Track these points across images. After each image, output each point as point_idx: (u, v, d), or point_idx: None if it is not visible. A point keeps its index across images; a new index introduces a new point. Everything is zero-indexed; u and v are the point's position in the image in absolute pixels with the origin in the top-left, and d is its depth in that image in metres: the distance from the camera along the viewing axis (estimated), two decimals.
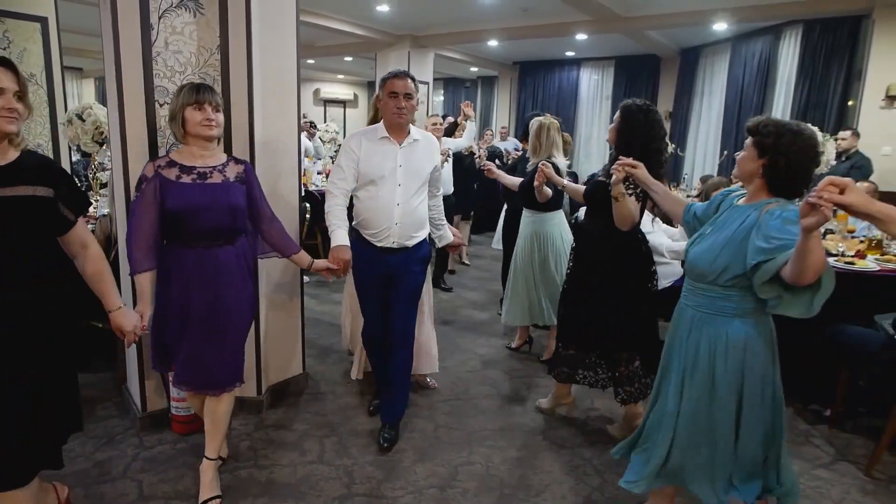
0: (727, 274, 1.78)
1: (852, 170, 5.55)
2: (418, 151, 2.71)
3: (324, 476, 2.49)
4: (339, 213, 2.62)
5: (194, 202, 2.13)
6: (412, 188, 2.67)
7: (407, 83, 2.59)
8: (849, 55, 7.24)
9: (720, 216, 1.91)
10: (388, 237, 2.65)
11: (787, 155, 1.72)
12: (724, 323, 1.83)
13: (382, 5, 8.01)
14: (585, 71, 12.43)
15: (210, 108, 2.16)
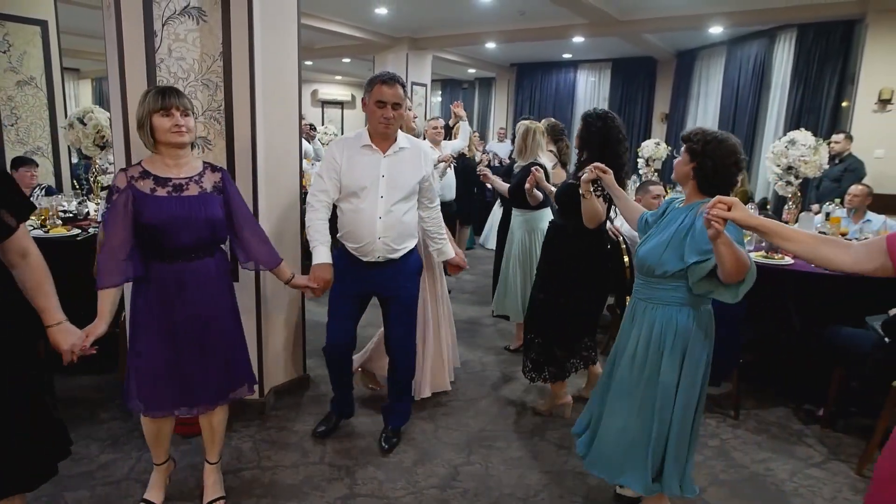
0: (670, 269, 1.98)
1: (846, 172, 5.61)
2: (405, 161, 2.57)
3: (326, 477, 2.53)
4: (320, 227, 2.52)
5: (171, 217, 2.01)
6: (396, 199, 2.53)
7: (397, 91, 2.45)
8: (842, 59, 7.32)
9: (665, 217, 2.13)
10: (373, 251, 2.55)
11: (713, 159, 1.96)
12: (670, 312, 2.03)
13: (381, 8, 8.05)
14: (582, 73, 12.50)
15: (178, 112, 2.02)
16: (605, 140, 2.78)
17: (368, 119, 2.53)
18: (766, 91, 8.48)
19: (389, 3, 7.82)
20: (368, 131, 2.54)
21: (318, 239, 2.51)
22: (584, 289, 2.89)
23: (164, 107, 2.00)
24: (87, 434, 2.79)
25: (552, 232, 3.09)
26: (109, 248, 2.00)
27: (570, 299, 2.88)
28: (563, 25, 8.53)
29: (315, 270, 2.48)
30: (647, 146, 7.74)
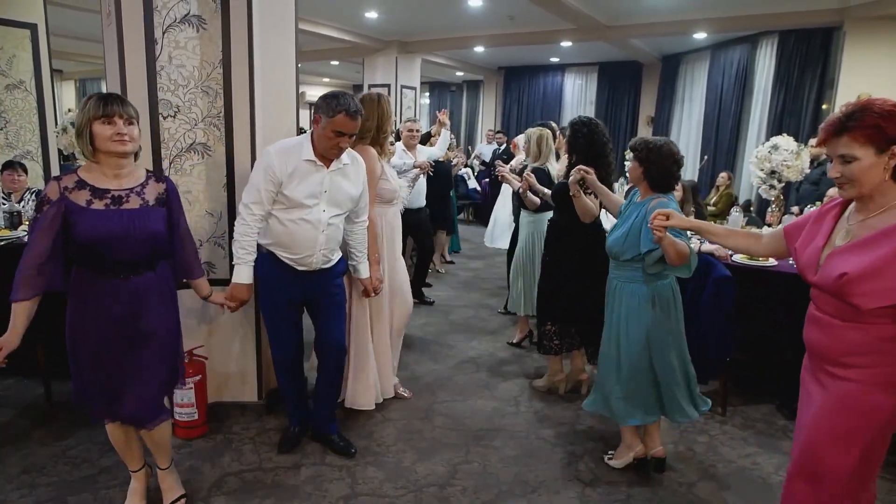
0: (631, 254, 2.46)
1: (824, 176, 5.75)
2: (347, 176, 2.54)
3: (327, 477, 2.58)
4: (248, 244, 2.44)
5: (108, 232, 1.91)
6: (335, 213, 2.53)
7: (357, 123, 2.42)
8: (822, 65, 7.52)
9: (628, 209, 2.58)
10: (311, 262, 2.52)
11: (655, 163, 2.43)
12: (635, 287, 2.50)
13: (371, 12, 8.11)
14: (569, 76, 12.66)
15: (121, 121, 1.91)
16: (590, 144, 3.07)
17: (319, 139, 2.42)
18: (749, 95, 8.67)
19: (380, 7, 7.87)
20: (314, 145, 2.45)
21: (245, 258, 2.45)
22: (581, 278, 3.17)
23: (105, 114, 1.89)
24: (87, 438, 2.81)
25: (551, 229, 3.41)
26: (27, 259, 1.89)
27: (571, 287, 3.20)
28: (552, 30, 8.65)
29: (234, 290, 2.46)
30: None
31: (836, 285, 1.51)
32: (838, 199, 1.67)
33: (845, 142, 1.51)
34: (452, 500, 2.45)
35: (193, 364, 2.81)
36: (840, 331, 1.57)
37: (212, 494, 2.43)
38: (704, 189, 7.99)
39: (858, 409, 1.56)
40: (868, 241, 1.51)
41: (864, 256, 1.48)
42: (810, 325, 1.69)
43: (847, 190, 1.55)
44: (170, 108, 2.72)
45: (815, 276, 1.60)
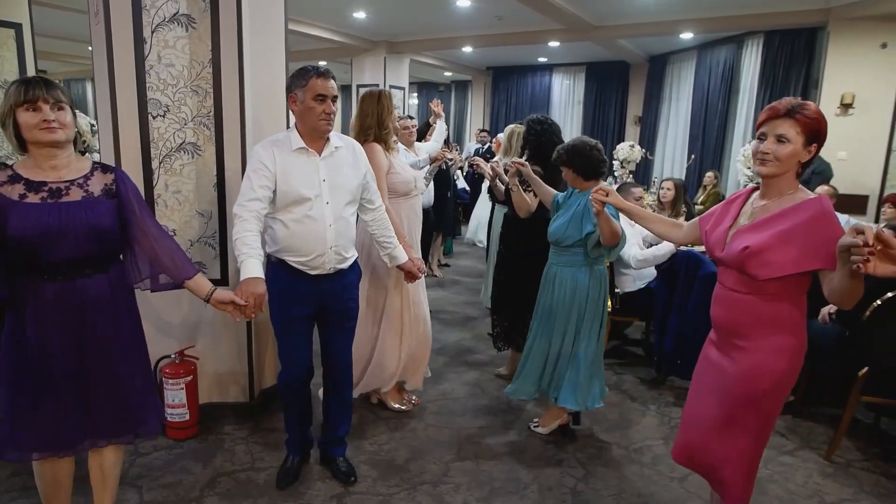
0: (572, 240, 2.70)
1: (813, 175, 5.83)
2: (343, 160, 2.37)
3: (320, 476, 2.58)
4: (251, 240, 2.17)
5: (44, 227, 1.70)
6: (342, 204, 2.34)
7: (332, 83, 2.26)
8: (806, 64, 7.61)
9: (568, 200, 2.82)
10: (324, 263, 2.32)
11: (576, 159, 2.72)
12: (573, 271, 2.75)
13: (359, 12, 8.10)
14: (557, 76, 12.71)
15: (47, 105, 1.69)
16: (539, 143, 3.29)
17: (303, 118, 2.26)
18: (735, 94, 8.76)
19: (368, 7, 7.87)
20: (299, 132, 2.29)
21: (249, 253, 2.13)
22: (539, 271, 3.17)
23: (28, 99, 1.68)
24: None
25: (506, 222, 3.57)
26: None
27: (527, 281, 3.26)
28: (540, 30, 8.70)
29: (246, 285, 2.04)
30: (622, 148, 7.91)
31: (739, 258, 1.71)
32: (743, 190, 1.93)
33: (789, 124, 1.68)
34: (446, 498, 2.46)
35: (184, 365, 2.80)
36: (743, 304, 1.76)
37: (204, 495, 2.42)
38: (692, 188, 8.06)
39: (764, 375, 1.74)
40: (767, 220, 1.72)
41: (763, 234, 1.69)
42: (716, 303, 1.88)
43: (768, 166, 1.72)
44: (159, 107, 2.70)
45: (722, 253, 1.80)
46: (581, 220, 2.66)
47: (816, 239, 1.61)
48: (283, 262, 2.33)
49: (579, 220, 2.67)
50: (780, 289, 1.70)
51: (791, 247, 1.64)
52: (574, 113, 12.52)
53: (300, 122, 2.29)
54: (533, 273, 3.19)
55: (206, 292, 2.01)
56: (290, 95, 2.29)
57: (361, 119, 2.97)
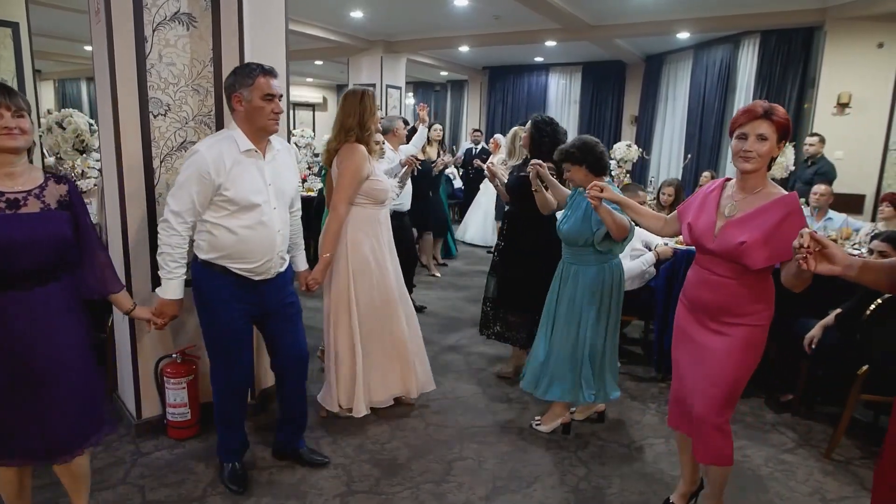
0: (584, 239, 2.76)
1: (816, 175, 5.85)
2: (284, 164, 2.36)
3: (323, 475, 2.58)
4: (181, 256, 2.20)
5: (6, 239, 1.69)
6: (286, 209, 2.37)
7: (278, 82, 2.26)
8: (803, 64, 7.65)
9: (574, 200, 2.88)
10: (269, 269, 2.31)
11: (589, 156, 2.76)
12: (587, 268, 2.81)
13: (356, 11, 8.09)
14: (554, 76, 12.72)
15: (9, 113, 1.69)
16: (550, 142, 3.27)
17: (249, 118, 2.21)
18: (732, 94, 8.79)
19: (365, 6, 7.86)
20: (247, 132, 2.23)
21: (177, 272, 2.21)
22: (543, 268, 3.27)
23: None
24: None
25: (509, 219, 3.56)
26: None
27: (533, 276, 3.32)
28: (537, 30, 8.70)
29: (164, 306, 2.22)
30: (619, 148, 7.94)
31: (736, 251, 1.92)
32: (716, 182, 2.13)
33: (767, 125, 1.90)
34: (449, 497, 2.46)
35: (186, 364, 2.80)
36: (734, 288, 1.98)
37: (207, 494, 2.42)
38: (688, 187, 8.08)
39: (756, 344, 2.02)
40: (753, 215, 1.93)
41: (754, 229, 1.90)
42: (702, 288, 2.07)
43: (751, 163, 1.93)
44: (160, 106, 2.69)
45: (714, 244, 1.99)
46: (591, 219, 2.72)
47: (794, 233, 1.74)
48: (224, 269, 2.26)
49: (590, 219, 2.73)
50: (763, 273, 1.96)
51: (775, 240, 1.87)
52: (570, 113, 12.53)
53: (246, 122, 2.23)
54: (535, 269, 3.29)
55: (127, 307, 2.12)
56: (234, 95, 2.21)
57: (343, 118, 2.88)
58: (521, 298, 3.43)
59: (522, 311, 3.48)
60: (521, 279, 3.42)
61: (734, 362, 2.01)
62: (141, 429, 2.84)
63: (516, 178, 3.46)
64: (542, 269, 3.24)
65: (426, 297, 5.44)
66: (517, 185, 3.43)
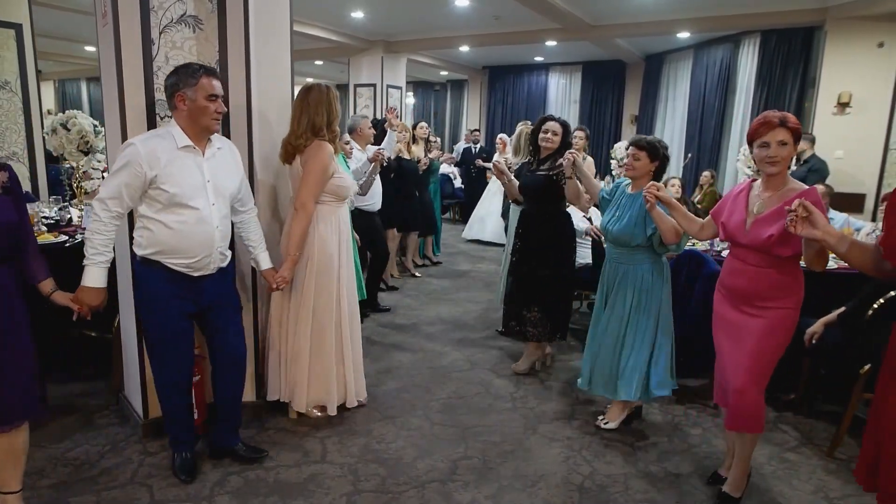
0: (638, 240, 2.82)
1: (809, 173, 5.89)
2: (224, 162, 2.41)
3: (329, 475, 2.59)
4: (101, 243, 2.19)
5: None
6: (225, 206, 2.40)
7: (219, 82, 2.32)
8: (803, 64, 7.68)
9: (621, 201, 2.93)
10: (208, 265, 2.35)
11: (663, 158, 2.88)
12: (639, 268, 2.87)
13: (357, 12, 8.11)
14: (553, 76, 12.74)
15: None
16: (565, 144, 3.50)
17: (192, 117, 2.27)
18: (732, 94, 8.81)
19: (366, 6, 7.87)
20: (185, 130, 2.28)
21: (96, 259, 2.19)
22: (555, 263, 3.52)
23: None
24: (84, 441, 2.80)
25: (524, 219, 3.66)
26: None
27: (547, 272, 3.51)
28: (537, 30, 8.72)
29: (84, 294, 2.18)
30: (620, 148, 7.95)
31: (766, 243, 2.17)
32: (743, 184, 2.38)
33: (784, 132, 2.15)
34: (455, 496, 2.48)
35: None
36: (765, 275, 2.24)
37: (215, 494, 2.43)
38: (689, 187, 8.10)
39: (788, 325, 2.27)
40: (779, 211, 2.13)
41: (780, 223, 2.10)
42: (736, 276, 2.32)
43: (776, 166, 2.18)
44: (167, 108, 2.69)
45: (746, 239, 2.24)
46: (645, 221, 2.77)
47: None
48: (160, 265, 2.29)
49: (643, 221, 2.78)
50: (791, 260, 2.20)
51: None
52: (570, 112, 12.55)
53: (188, 120, 2.29)
54: (549, 265, 3.49)
55: (47, 291, 2.15)
56: (177, 94, 2.27)
57: (312, 116, 2.80)
58: (539, 295, 3.56)
59: (541, 308, 3.58)
60: (536, 276, 3.53)
61: (768, 339, 2.26)
62: (148, 429, 2.85)
63: (534, 176, 3.54)
64: (556, 264, 3.48)
65: (437, 287, 5.46)
66: (534, 183, 3.53)
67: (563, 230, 3.58)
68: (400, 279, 6.03)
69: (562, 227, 3.58)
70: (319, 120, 2.80)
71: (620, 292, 2.92)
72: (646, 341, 2.89)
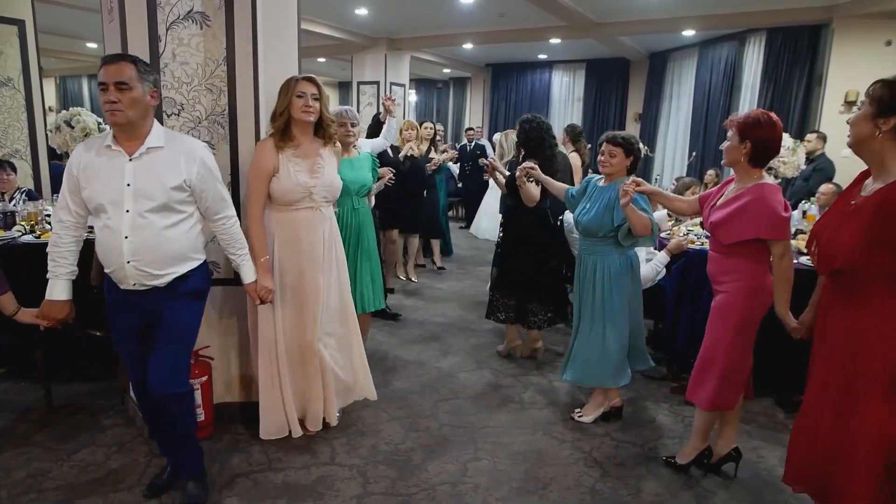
0: (604, 231, 2.91)
1: (814, 172, 5.84)
2: (158, 163, 2.07)
3: (338, 476, 2.57)
4: (59, 255, 2.12)
5: None
6: (147, 213, 2.05)
7: (120, 68, 1.96)
8: (810, 62, 7.62)
9: (593, 194, 3.02)
10: (125, 278, 2.09)
11: (636, 153, 2.95)
12: (604, 258, 2.96)
13: (361, 9, 8.07)
14: (557, 73, 12.70)
15: None
16: (536, 140, 3.62)
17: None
18: (737, 91, 8.77)
19: (370, 3, 7.83)
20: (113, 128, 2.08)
21: (56, 271, 2.12)
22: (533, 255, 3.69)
23: None
24: (90, 441, 2.77)
25: (506, 212, 3.86)
26: None
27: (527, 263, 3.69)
28: (541, 27, 8.69)
29: (45, 307, 2.14)
30: None
31: (711, 228, 2.42)
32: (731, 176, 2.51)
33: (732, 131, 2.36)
34: (466, 498, 2.46)
35: (200, 365, 2.78)
36: (717, 260, 2.44)
37: (223, 496, 2.41)
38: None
39: (737, 311, 2.38)
40: (730, 201, 2.35)
41: (724, 210, 2.35)
42: (707, 260, 2.54)
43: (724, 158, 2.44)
44: (173, 105, 2.68)
45: (706, 225, 2.48)
46: (613, 211, 2.85)
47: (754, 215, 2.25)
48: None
49: (611, 211, 2.86)
50: (738, 249, 2.33)
51: (738, 220, 2.29)
52: (574, 110, 12.52)
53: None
54: (530, 256, 3.69)
55: (10, 311, 2.16)
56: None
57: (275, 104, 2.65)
58: (518, 284, 3.75)
59: (519, 296, 3.79)
60: (516, 267, 3.74)
61: (719, 320, 2.43)
62: None
63: (511, 176, 3.73)
64: (536, 256, 3.68)
65: (438, 293, 5.42)
66: (509, 180, 3.73)
67: (541, 224, 3.72)
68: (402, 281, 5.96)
69: (539, 221, 3.71)
70: (276, 107, 2.63)
71: (589, 282, 3.01)
72: (617, 330, 2.95)
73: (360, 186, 3.36)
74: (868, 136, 1.73)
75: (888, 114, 1.66)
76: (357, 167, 3.36)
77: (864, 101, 1.76)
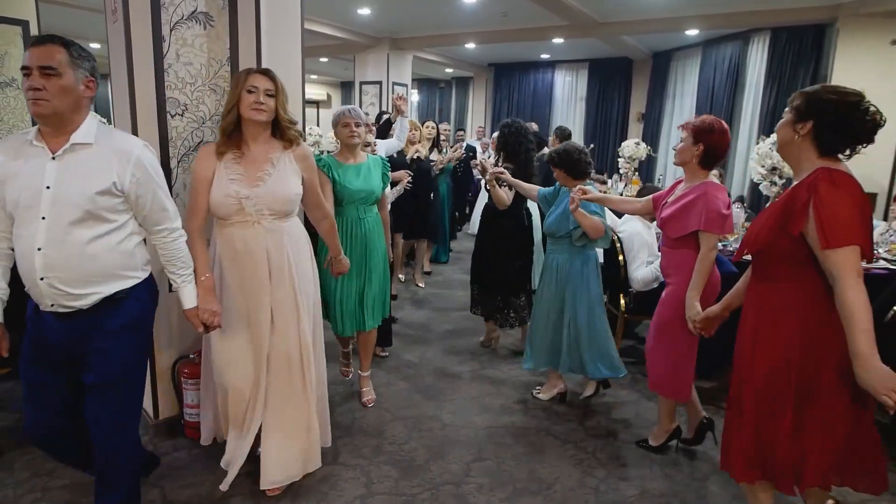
0: (563, 232, 3.13)
1: None
2: (85, 163, 1.76)
3: (342, 476, 2.57)
4: None
5: None
6: (64, 222, 1.73)
7: (45, 51, 1.69)
8: (814, 61, 7.59)
9: (557, 197, 3.24)
10: (40, 297, 1.77)
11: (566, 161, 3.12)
12: (567, 257, 3.16)
13: (363, 8, 8.06)
14: (560, 73, 12.66)
15: None
16: (515, 143, 3.78)
17: None
18: (741, 91, 8.73)
19: (373, 3, 7.83)
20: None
21: None
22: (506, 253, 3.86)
23: None
24: None
25: (486, 210, 4.00)
26: None
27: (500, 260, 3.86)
28: (544, 27, 8.66)
29: None
30: (628, 146, 7.90)
31: (661, 224, 2.60)
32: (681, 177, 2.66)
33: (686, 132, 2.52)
34: (470, 498, 2.46)
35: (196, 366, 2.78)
36: (668, 254, 2.62)
37: (228, 495, 2.41)
38: None
39: (675, 301, 2.52)
40: (679, 198, 2.53)
41: (672, 207, 2.53)
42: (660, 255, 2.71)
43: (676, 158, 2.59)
44: (177, 106, 2.68)
45: (659, 221, 2.63)
46: (569, 216, 3.04)
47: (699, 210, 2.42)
48: None
49: (568, 217, 3.07)
50: (682, 242, 2.51)
51: (683, 215, 2.47)
52: (577, 109, 12.49)
53: None
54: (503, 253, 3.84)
55: None
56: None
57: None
58: (491, 279, 3.92)
59: (492, 291, 3.94)
60: (489, 263, 3.92)
61: (663, 309, 2.63)
62: (158, 429, 2.84)
63: None
64: (508, 253, 3.84)
65: (435, 292, 5.42)
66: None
67: (515, 223, 3.86)
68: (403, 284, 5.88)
69: (514, 221, 3.85)
70: (225, 104, 2.30)
71: (551, 279, 3.22)
72: (577, 321, 3.13)
73: (367, 195, 3.08)
74: (788, 140, 1.88)
75: (803, 119, 1.82)
76: (363, 174, 3.08)
77: (787, 110, 1.91)
